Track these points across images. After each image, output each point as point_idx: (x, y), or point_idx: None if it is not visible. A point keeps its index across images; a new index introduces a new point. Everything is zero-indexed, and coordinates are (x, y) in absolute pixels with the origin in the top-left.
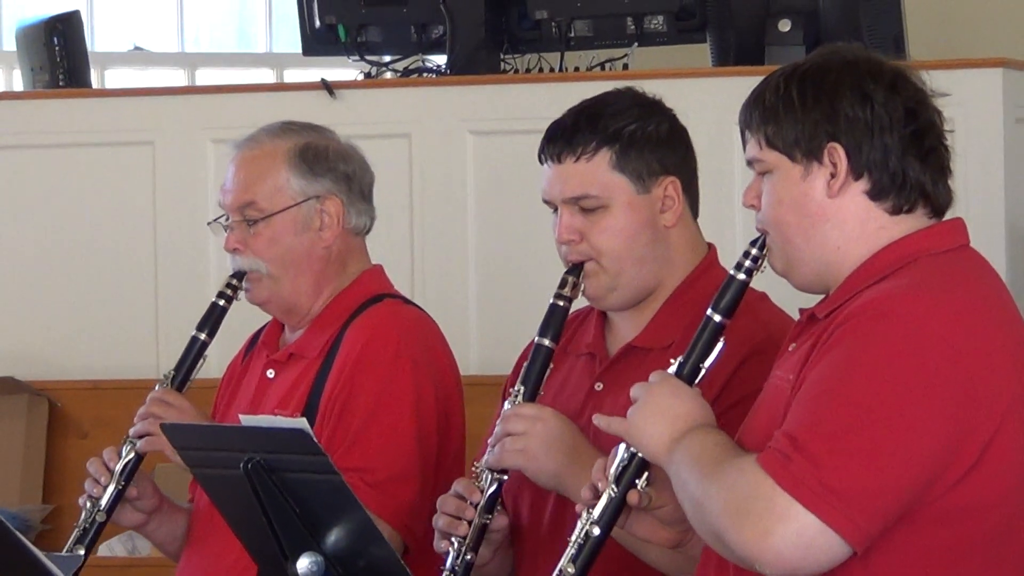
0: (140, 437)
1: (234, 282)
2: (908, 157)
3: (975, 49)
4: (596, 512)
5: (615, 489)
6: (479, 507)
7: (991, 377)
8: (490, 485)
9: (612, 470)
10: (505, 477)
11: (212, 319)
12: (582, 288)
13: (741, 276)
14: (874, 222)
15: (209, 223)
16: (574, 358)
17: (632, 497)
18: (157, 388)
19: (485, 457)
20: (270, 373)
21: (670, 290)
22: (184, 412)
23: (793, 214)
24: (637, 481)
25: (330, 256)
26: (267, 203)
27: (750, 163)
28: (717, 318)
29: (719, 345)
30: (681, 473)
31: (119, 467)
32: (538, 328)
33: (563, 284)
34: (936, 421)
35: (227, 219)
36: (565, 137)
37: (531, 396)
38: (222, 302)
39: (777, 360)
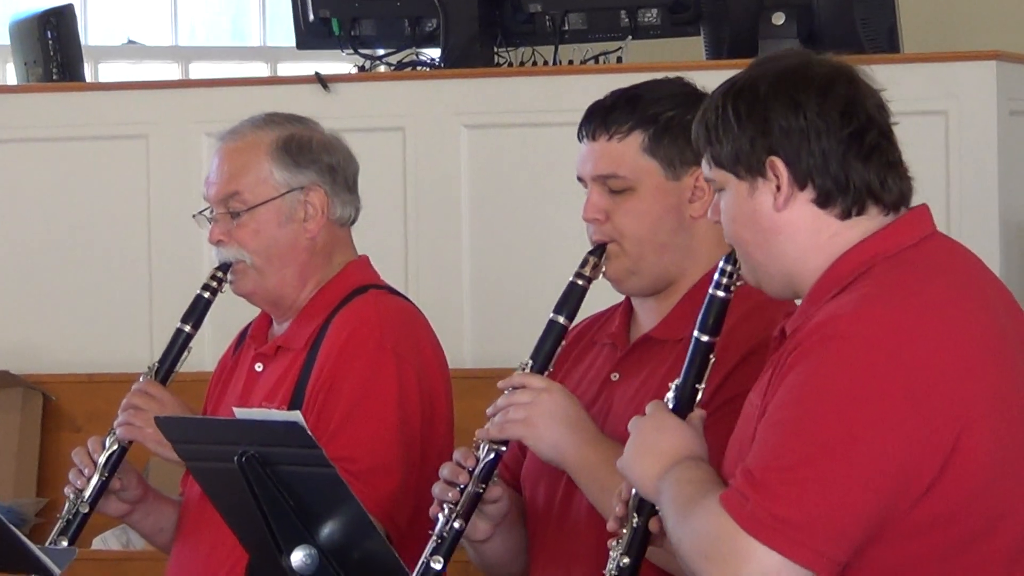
0: (123, 437)
1: (219, 274)
2: (849, 159)
3: (969, 41)
4: (623, 544)
5: (636, 518)
6: (474, 474)
7: (946, 384)
8: (487, 454)
9: (632, 498)
10: (503, 448)
11: (197, 311)
12: (602, 269)
13: (720, 294)
14: (826, 230)
15: (194, 216)
16: (599, 348)
17: (653, 526)
18: (141, 380)
19: (487, 426)
20: (258, 366)
21: (692, 282)
22: (165, 404)
23: (748, 230)
24: (657, 508)
25: (315, 247)
26: (250, 195)
27: (707, 182)
28: (704, 338)
29: (711, 362)
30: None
31: (103, 458)
32: (555, 305)
33: (584, 263)
34: (890, 440)
35: (211, 211)
36: (601, 115)
37: (540, 371)
38: (207, 294)
39: (756, 382)
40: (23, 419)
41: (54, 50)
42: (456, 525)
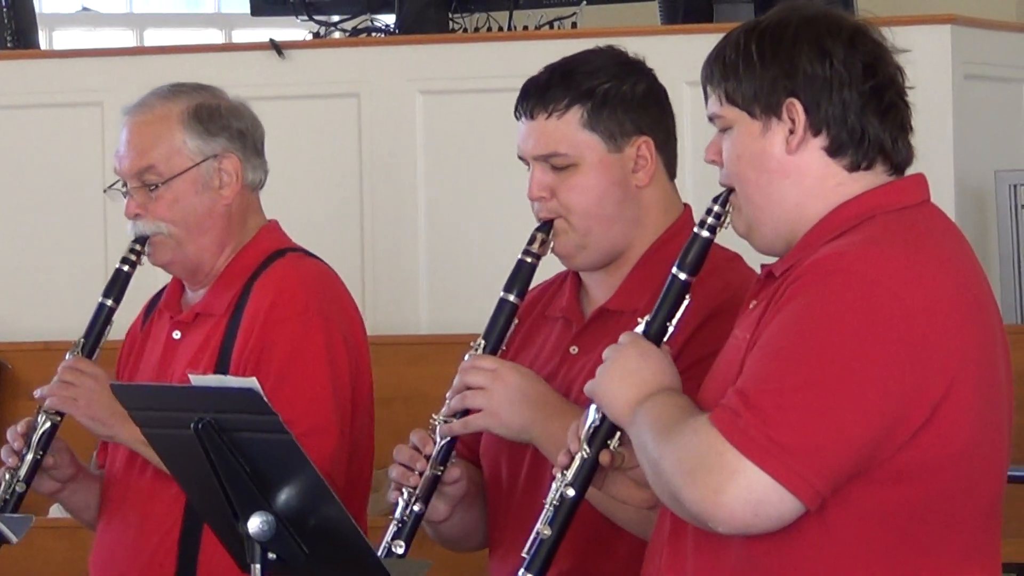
0: (54, 408)
1: (137, 247)
2: (867, 113)
3: (924, 5)
4: (570, 474)
5: (587, 450)
6: (431, 458)
7: (942, 335)
8: (444, 437)
9: (584, 431)
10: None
11: (118, 285)
12: (551, 246)
13: (704, 233)
14: (832, 179)
15: (105, 190)
16: (551, 323)
17: (604, 458)
18: (68, 356)
19: (443, 410)
20: (176, 334)
21: (641, 251)
22: (98, 378)
23: (752, 170)
24: (609, 442)
25: (231, 213)
26: (165, 167)
27: (711, 119)
28: (682, 276)
29: (685, 302)
30: (641, 436)
31: (36, 437)
32: (504, 283)
33: (532, 241)
34: (885, 378)
35: (124, 185)
36: (538, 93)
37: (492, 350)
38: (126, 267)
39: (738, 319)
40: None
41: (8, 17)
42: (416, 508)
